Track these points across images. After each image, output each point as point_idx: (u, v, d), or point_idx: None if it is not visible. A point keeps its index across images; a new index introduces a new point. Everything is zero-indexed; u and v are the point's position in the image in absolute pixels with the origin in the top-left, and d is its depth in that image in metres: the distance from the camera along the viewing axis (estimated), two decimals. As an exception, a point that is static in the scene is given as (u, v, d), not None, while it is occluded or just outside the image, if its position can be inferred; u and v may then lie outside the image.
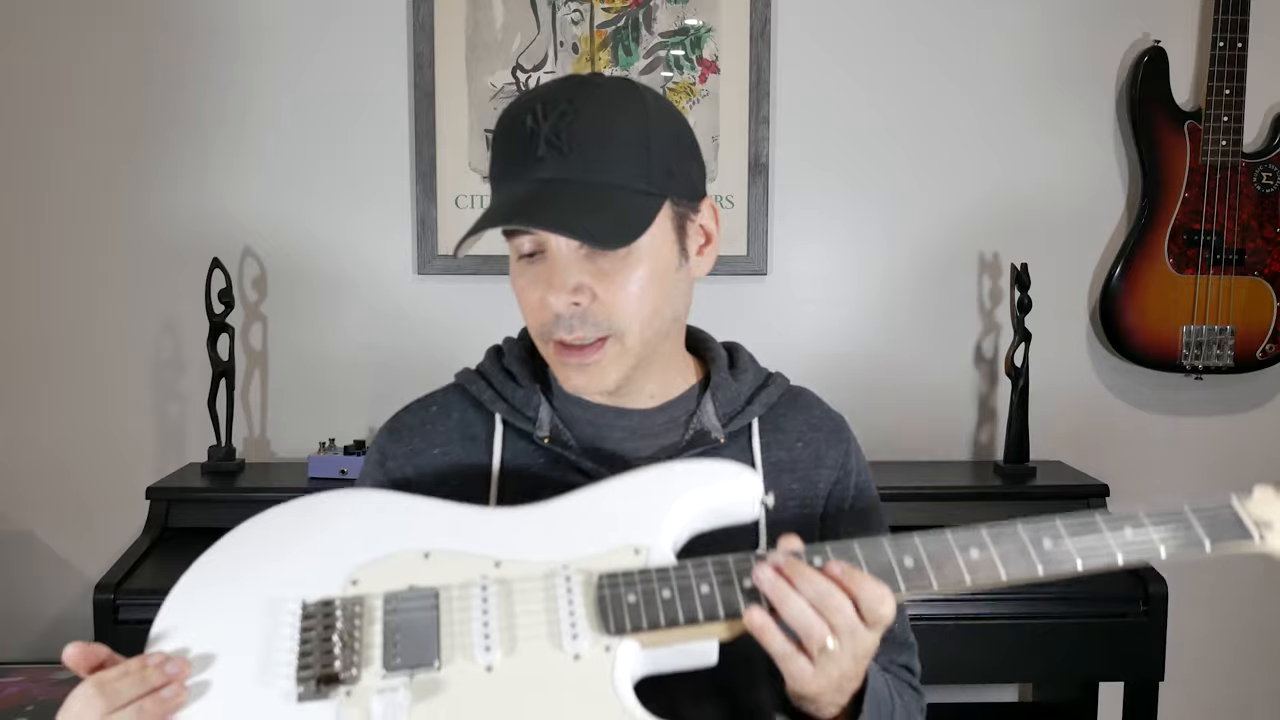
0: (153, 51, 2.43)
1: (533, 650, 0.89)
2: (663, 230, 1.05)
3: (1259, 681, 2.68)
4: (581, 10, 2.44)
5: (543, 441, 1.10)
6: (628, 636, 0.90)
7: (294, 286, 2.50)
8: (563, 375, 1.07)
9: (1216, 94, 2.40)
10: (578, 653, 0.89)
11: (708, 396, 1.13)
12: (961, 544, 0.94)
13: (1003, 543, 0.94)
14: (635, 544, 0.96)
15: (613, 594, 0.91)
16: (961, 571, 0.93)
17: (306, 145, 2.46)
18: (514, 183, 1.02)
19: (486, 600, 0.92)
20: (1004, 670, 2.30)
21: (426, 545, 0.96)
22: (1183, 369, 2.48)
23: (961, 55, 2.50)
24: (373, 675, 0.88)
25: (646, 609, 0.90)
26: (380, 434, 1.17)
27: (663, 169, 1.04)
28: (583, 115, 1.01)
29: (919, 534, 0.94)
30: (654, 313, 1.05)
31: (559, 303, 1.02)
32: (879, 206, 2.52)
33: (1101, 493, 2.33)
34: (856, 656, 0.92)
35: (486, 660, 0.89)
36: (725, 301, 2.46)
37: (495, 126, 1.08)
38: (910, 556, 0.93)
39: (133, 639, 2.15)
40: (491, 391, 1.14)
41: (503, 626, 0.90)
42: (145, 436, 2.50)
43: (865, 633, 0.91)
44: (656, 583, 0.92)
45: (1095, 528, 0.97)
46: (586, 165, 1.00)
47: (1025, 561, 0.94)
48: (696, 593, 0.91)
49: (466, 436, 1.13)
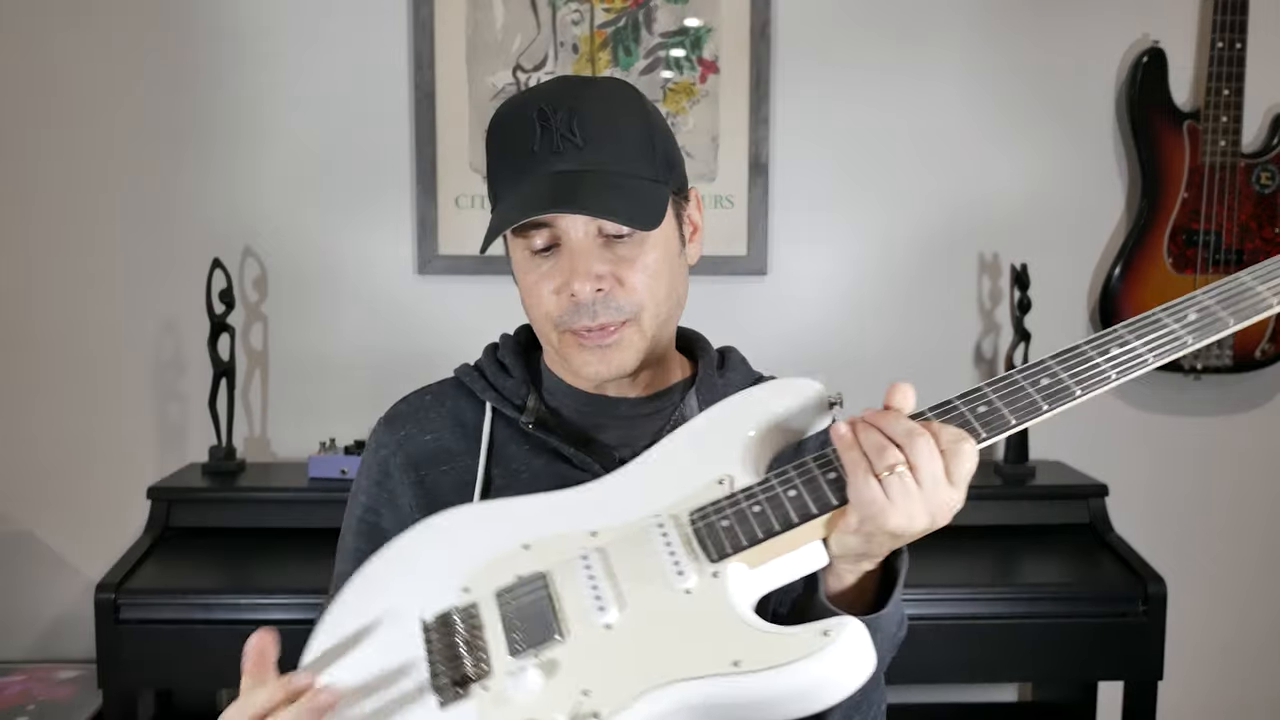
0: (152, 51, 2.43)
1: (646, 598, 0.91)
2: (668, 218, 1.09)
3: (1258, 681, 2.69)
4: (581, 10, 2.44)
5: (528, 428, 1.13)
6: (731, 559, 0.91)
7: (294, 286, 2.50)
8: (580, 361, 1.09)
9: (1215, 94, 2.40)
10: (688, 588, 0.91)
11: (692, 392, 1.16)
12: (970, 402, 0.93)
13: (1008, 396, 0.93)
14: (718, 476, 0.98)
15: (706, 525, 0.93)
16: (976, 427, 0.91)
17: (307, 145, 2.46)
18: (530, 176, 1.04)
19: (590, 567, 0.94)
20: (1004, 670, 2.30)
21: (525, 538, 0.99)
22: (1182, 369, 2.49)
23: (961, 55, 2.50)
24: (502, 665, 0.90)
25: (741, 528, 0.92)
26: (377, 424, 1.20)
27: (664, 160, 1.09)
28: (592, 111, 1.05)
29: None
30: (667, 296, 1.09)
31: (585, 290, 1.04)
32: (879, 206, 2.52)
33: (1101, 492, 2.33)
34: (931, 511, 0.88)
35: (604, 620, 0.91)
36: (725, 301, 2.46)
37: (493, 126, 1.10)
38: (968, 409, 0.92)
39: (134, 639, 2.17)
40: (483, 381, 1.17)
41: (612, 586, 0.92)
42: (146, 436, 2.50)
43: (945, 484, 0.88)
44: (745, 502, 0.93)
45: (1120, 340, 0.93)
46: (603, 157, 1.04)
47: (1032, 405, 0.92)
48: (785, 499, 0.92)
49: (457, 423, 1.16)
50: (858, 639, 0.84)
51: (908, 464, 0.87)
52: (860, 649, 0.84)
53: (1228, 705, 2.68)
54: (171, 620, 2.03)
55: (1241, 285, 0.94)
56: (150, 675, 2.10)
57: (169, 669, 2.08)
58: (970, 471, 0.89)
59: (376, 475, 1.16)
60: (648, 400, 1.16)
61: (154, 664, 2.05)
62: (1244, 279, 0.94)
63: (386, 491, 1.15)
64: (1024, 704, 2.66)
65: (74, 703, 2.23)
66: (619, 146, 1.05)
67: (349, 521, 1.17)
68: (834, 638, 0.84)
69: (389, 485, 1.15)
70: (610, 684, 0.87)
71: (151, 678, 2.13)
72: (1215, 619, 2.62)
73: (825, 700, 0.84)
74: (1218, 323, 0.93)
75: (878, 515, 0.87)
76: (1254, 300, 0.93)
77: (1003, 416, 0.91)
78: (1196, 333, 0.93)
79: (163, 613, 2.03)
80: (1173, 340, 0.93)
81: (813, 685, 0.84)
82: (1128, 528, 2.35)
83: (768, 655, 0.84)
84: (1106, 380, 0.91)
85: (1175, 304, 0.95)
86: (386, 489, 1.15)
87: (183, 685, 2.35)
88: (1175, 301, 0.95)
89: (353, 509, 1.18)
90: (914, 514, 0.87)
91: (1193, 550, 2.59)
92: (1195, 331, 0.93)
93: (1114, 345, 0.93)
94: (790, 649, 0.84)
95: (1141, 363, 0.92)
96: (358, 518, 1.16)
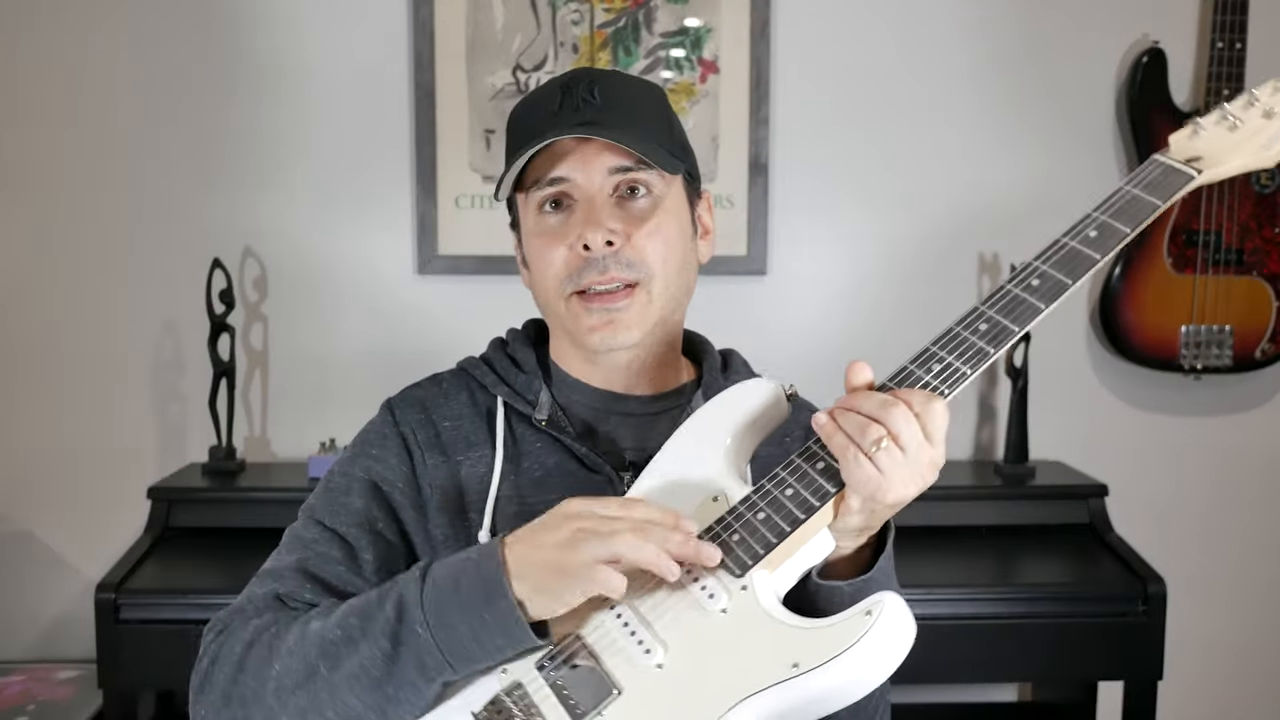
0: (152, 51, 2.43)
1: (686, 630, 0.92)
2: (681, 198, 1.12)
3: (1258, 681, 2.69)
4: (581, 11, 2.44)
5: (540, 424, 1.13)
6: (752, 569, 0.93)
7: (294, 286, 2.50)
8: (586, 326, 1.09)
9: (1215, 94, 2.40)
10: (722, 608, 0.92)
11: (699, 393, 1.16)
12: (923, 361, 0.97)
13: (954, 349, 0.96)
14: (710, 494, 1.00)
15: (719, 544, 0.95)
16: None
17: (307, 145, 2.46)
18: (554, 128, 1.06)
19: (620, 616, 0.95)
20: (1004, 670, 2.30)
21: None
22: (1181, 369, 2.49)
23: (962, 55, 2.50)
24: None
25: (754, 538, 0.94)
26: (389, 401, 1.17)
27: (680, 142, 1.13)
28: (614, 84, 1.09)
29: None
30: (678, 269, 1.11)
31: (597, 239, 1.05)
32: (879, 206, 2.52)
33: (1101, 492, 2.33)
34: (921, 473, 0.92)
35: (654, 661, 0.91)
36: (725, 301, 2.46)
37: (518, 108, 1.13)
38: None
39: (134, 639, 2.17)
40: (494, 375, 1.17)
41: (648, 628, 0.93)
42: (146, 436, 2.50)
43: (926, 444, 0.91)
44: (748, 513, 0.95)
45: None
46: (622, 117, 1.07)
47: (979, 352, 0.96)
48: (784, 500, 0.95)
49: (475, 413, 1.16)
50: (899, 609, 0.88)
51: (889, 435, 0.90)
52: (903, 618, 0.88)
53: (1228, 705, 2.68)
54: (171, 620, 2.03)
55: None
56: (150, 675, 2.10)
57: (169, 669, 2.07)
58: (944, 426, 0.92)
59: (395, 446, 1.13)
60: (655, 399, 1.17)
61: (154, 664, 2.05)
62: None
63: (407, 466, 1.12)
64: (1024, 704, 2.66)
65: (74, 703, 2.23)
66: (638, 114, 1.09)
67: (345, 484, 1.12)
68: (877, 614, 0.87)
69: (410, 460, 1.12)
70: (680, 718, 0.88)
71: (151, 678, 2.13)
72: (1215, 619, 2.62)
73: (883, 674, 0.87)
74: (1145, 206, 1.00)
75: (876, 491, 0.91)
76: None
77: (956, 369, 0.95)
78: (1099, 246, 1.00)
79: (163, 613, 2.03)
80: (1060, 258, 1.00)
81: (871, 664, 0.87)
82: (1128, 528, 2.35)
83: (822, 649, 0.87)
84: (1037, 310, 0.96)
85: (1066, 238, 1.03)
86: (409, 463, 1.12)
87: (183, 685, 2.31)
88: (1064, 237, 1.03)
89: (352, 472, 1.12)
90: (907, 480, 0.91)
91: (1193, 550, 2.59)
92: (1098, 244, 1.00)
93: (1032, 277, 0.99)
94: (841, 637, 0.87)
95: (1059, 286, 0.97)
96: (366, 482, 1.11)
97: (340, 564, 1.07)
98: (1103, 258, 0.98)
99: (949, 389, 0.94)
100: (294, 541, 1.10)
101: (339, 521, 1.09)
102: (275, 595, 1.05)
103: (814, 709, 0.88)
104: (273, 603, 1.04)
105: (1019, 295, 0.97)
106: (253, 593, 1.06)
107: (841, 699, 0.88)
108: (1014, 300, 0.97)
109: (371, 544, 1.08)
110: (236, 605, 1.05)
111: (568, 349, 1.17)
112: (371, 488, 1.11)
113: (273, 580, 1.06)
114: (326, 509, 1.11)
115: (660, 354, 1.15)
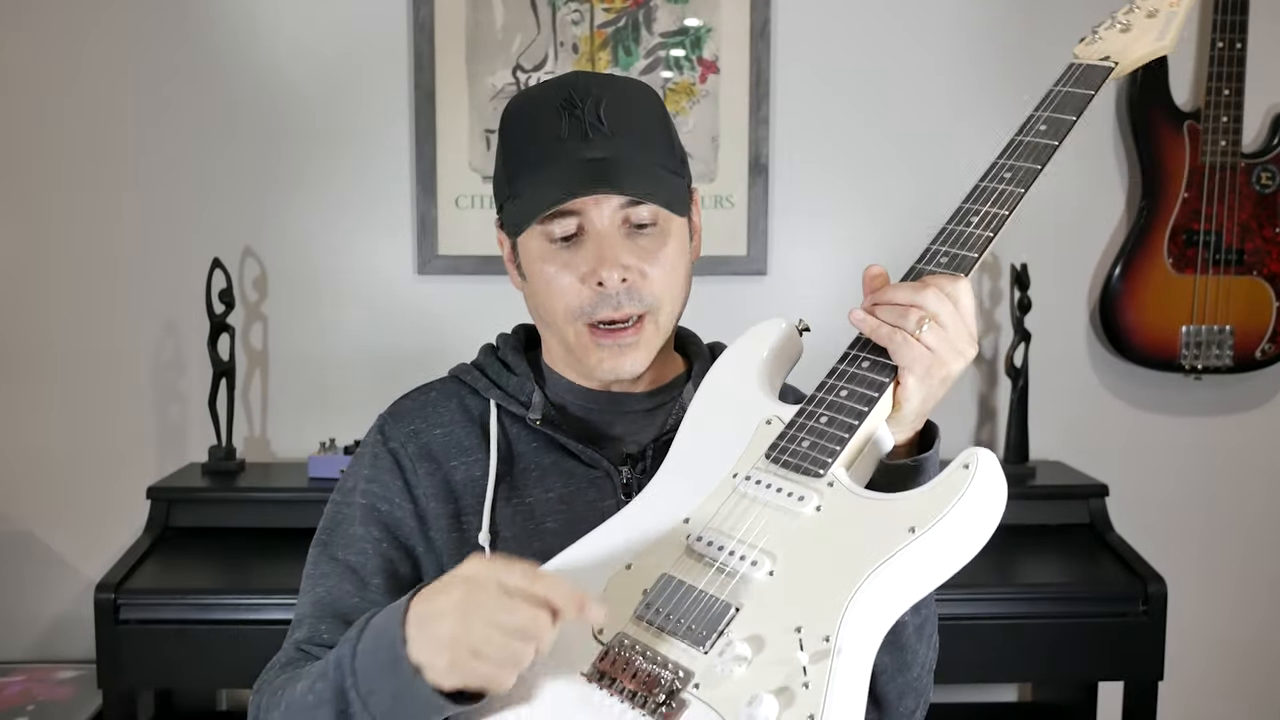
0: (152, 50, 2.43)
1: (786, 536, 0.93)
2: (683, 220, 1.13)
3: (1258, 681, 2.68)
4: (581, 10, 2.44)
5: (535, 424, 1.13)
6: (833, 466, 0.95)
7: (294, 286, 2.50)
8: (595, 359, 1.10)
9: (1216, 94, 2.40)
10: (817, 505, 0.94)
11: (689, 385, 1.17)
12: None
13: (953, 241, 1.03)
14: (764, 418, 1.02)
15: (790, 454, 0.97)
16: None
17: (307, 145, 2.46)
18: (559, 162, 1.06)
19: (712, 543, 0.95)
20: (1004, 670, 2.30)
21: (623, 561, 0.98)
22: (1182, 369, 2.49)
23: (961, 55, 2.50)
24: (699, 662, 0.89)
25: (824, 439, 0.96)
26: (380, 418, 1.19)
27: (679, 156, 1.13)
28: (618, 103, 1.07)
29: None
30: (681, 292, 1.13)
31: (613, 278, 1.06)
32: (879, 206, 2.52)
33: (1101, 492, 2.33)
34: (965, 344, 0.96)
35: (764, 571, 0.92)
36: (724, 301, 2.45)
37: (509, 117, 1.12)
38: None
39: (134, 639, 2.17)
40: (486, 380, 1.18)
41: (745, 545, 0.94)
42: (146, 436, 2.50)
43: (957, 318, 0.96)
44: (810, 421, 0.98)
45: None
46: (631, 146, 1.06)
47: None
48: (843, 401, 0.98)
49: (467, 419, 1.16)
50: (991, 459, 0.91)
51: (928, 315, 0.95)
52: (997, 467, 0.91)
53: (1228, 705, 2.68)
54: (171, 620, 2.03)
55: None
56: (150, 675, 2.10)
57: (169, 669, 2.07)
58: (972, 302, 0.97)
59: (387, 463, 1.14)
60: (650, 395, 1.18)
61: (154, 664, 2.05)
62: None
63: (401, 480, 1.13)
64: (1024, 704, 2.66)
65: (74, 703, 2.23)
66: (645, 137, 1.08)
67: (347, 513, 1.15)
68: (975, 465, 0.90)
69: (403, 474, 1.14)
70: (814, 611, 0.88)
71: (151, 678, 2.13)
72: (1215, 619, 2.62)
73: (990, 524, 0.91)
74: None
75: (931, 366, 0.95)
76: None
77: (964, 257, 1.01)
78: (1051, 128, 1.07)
79: (163, 613, 2.03)
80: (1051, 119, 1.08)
81: (980, 513, 0.90)
82: (1128, 528, 2.35)
83: (933, 508, 0.89)
84: (1018, 196, 1.04)
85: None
86: (401, 477, 1.13)
87: (182, 685, 2.35)
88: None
89: (349, 500, 1.15)
90: (953, 353, 0.96)
91: (1193, 550, 2.59)
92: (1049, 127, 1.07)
93: (1004, 172, 1.08)
94: (947, 493, 0.90)
95: (1031, 173, 1.05)
96: (363, 506, 1.14)
97: (353, 595, 1.10)
98: (1059, 144, 1.06)
99: (964, 272, 1.00)
100: (308, 581, 1.14)
101: (344, 551, 1.12)
102: (297, 646, 1.09)
103: (931, 577, 0.90)
104: (295, 655, 1.08)
105: (996, 188, 1.06)
106: (284, 644, 1.11)
107: (956, 559, 0.90)
108: (994, 192, 1.06)
109: (379, 568, 1.11)
110: (271, 661, 1.10)
111: (562, 357, 1.17)
112: (369, 511, 1.13)
113: (295, 628, 1.11)
114: (331, 541, 1.14)
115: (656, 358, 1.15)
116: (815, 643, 0.86)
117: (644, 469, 1.12)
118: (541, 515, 1.12)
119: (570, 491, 1.12)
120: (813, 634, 0.87)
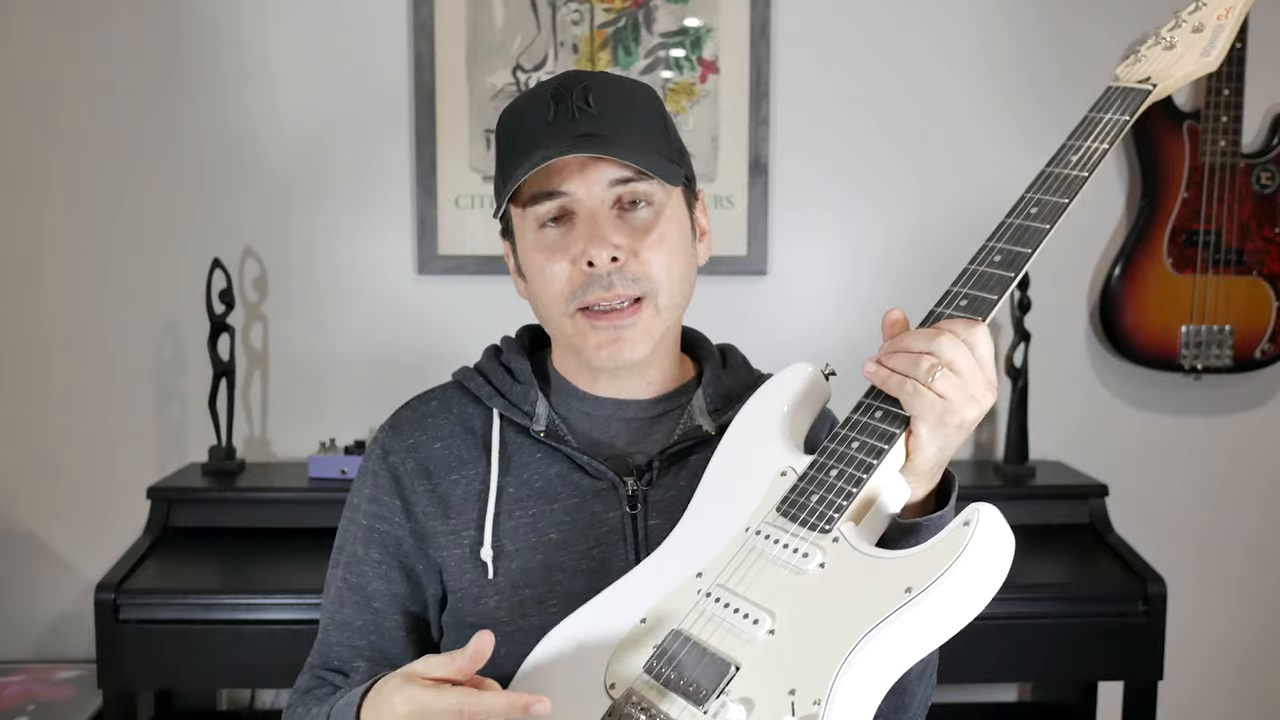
0: (152, 49, 2.43)
1: (789, 593, 0.92)
2: (681, 204, 1.11)
3: (1258, 681, 2.69)
4: (581, 10, 2.44)
5: (539, 436, 1.12)
6: (839, 522, 0.94)
7: (294, 286, 2.50)
8: (594, 345, 1.07)
9: (1215, 94, 2.40)
10: (820, 563, 0.93)
11: (699, 391, 1.16)
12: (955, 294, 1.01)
13: (974, 284, 1.02)
14: (779, 470, 1.01)
15: (799, 509, 0.96)
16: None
17: (307, 145, 2.46)
18: (550, 141, 1.04)
19: (719, 600, 0.95)
20: (1004, 670, 2.30)
21: (637, 615, 0.98)
22: (1182, 369, 2.49)
23: (961, 55, 2.50)
24: (697, 718, 0.89)
25: (833, 494, 0.95)
26: (381, 430, 1.18)
27: (677, 146, 1.11)
28: (609, 91, 1.06)
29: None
30: (681, 278, 1.10)
31: (602, 256, 1.04)
32: (878, 206, 2.52)
33: (1101, 492, 2.33)
34: (981, 393, 0.93)
35: (764, 630, 0.91)
36: (725, 301, 2.46)
37: (503, 120, 1.11)
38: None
39: (134, 639, 2.16)
40: (489, 387, 1.16)
41: (749, 603, 0.93)
42: (146, 436, 2.50)
43: (977, 366, 0.93)
44: (820, 474, 0.97)
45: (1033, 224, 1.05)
46: (620, 126, 1.05)
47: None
48: (853, 453, 0.96)
49: (466, 430, 1.15)
50: (995, 516, 0.88)
51: (942, 362, 0.92)
52: (1001, 524, 0.88)
53: (1228, 705, 2.68)
54: (171, 620, 2.03)
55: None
56: (150, 675, 2.09)
57: (169, 669, 2.07)
58: (990, 348, 0.94)
59: (386, 482, 1.14)
60: (656, 402, 1.16)
61: (154, 664, 2.05)
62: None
63: (399, 498, 1.13)
64: (1024, 704, 2.66)
65: (74, 703, 2.23)
66: (634, 121, 1.06)
67: (352, 531, 1.16)
68: (975, 523, 0.87)
69: (401, 492, 1.13)
70: (808, 672, 0.87)
71: (151, 678, 2.12)
72: (1215, 619, 2.62)
73: (993, 584, 0.88)
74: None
75: (944, 414, 0.92)
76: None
77: (982, 299, 0.98)
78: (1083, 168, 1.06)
79: (163, 613, 2.03)
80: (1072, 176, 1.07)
81: (980, 574, 0.87)
82: (1128, 528, 2.35)
83: (932, 567, 0.87)
84: (1043, 233, 1.02)
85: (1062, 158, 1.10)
86: (399, 495, 1.13)
87: (182, 685, 2.35)
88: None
89: (355, 518, 1.16)
90: (968, 401, 0.93)
91: (1193, 550, 2.59)
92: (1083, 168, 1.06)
93: (1030, 207, 1.06)
94: (946, 551, 0.88)
95: (1058, 208, 1.04)
96: (364, 527, 1.14)
97: (357, 618, 1.13)
98: (1090, 175, 1.04)
99: (982, 316, 0.97)
100: (324, 600, 1.17)
101: (350, 572, 1.15)
102: (312, 673, 1.14)
103: (929, 638, 0.88)
104: (311, 684, 1.14)
105: (1022, 225, 1.04)
106: (305, 664, 1.16)
107: (957, 619, 0.88)
108: (1019, 230, 1.03)
109: (382, 589, 1.13)
110: (296, 682, 1.16)
111: (570, 358, 1.16)
112: (369, 532, 1.14)
113: (312, 654, 1.17)
114: (339, 560, 1.16)
115: (658, 356, 1.14)
116: (806, 706, 0.85)
117: (650, 480, 1.11)
118: (545, 528, 1.10)
119: (575, 503, 1.11)
120: (804, 698, 0.86)
